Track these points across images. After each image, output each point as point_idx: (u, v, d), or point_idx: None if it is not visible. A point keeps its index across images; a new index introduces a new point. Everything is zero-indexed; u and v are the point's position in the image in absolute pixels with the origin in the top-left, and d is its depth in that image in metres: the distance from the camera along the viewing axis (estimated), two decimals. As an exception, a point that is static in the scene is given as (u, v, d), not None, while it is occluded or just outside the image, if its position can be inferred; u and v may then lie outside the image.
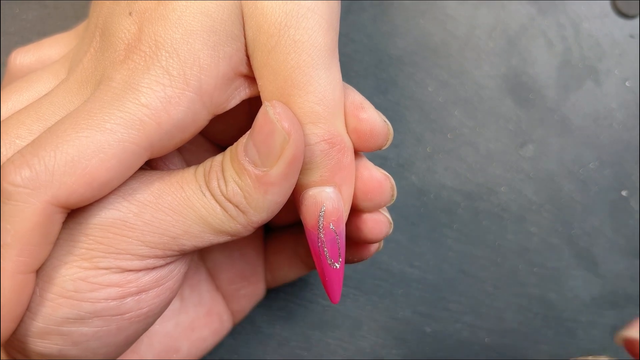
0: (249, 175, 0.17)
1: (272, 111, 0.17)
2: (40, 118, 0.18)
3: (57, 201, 0.16)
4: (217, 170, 0.18)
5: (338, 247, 0.19)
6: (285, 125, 0.17)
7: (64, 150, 0.16)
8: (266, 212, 0.18)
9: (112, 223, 0.17)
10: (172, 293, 0.19)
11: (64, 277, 0.17)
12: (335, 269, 0.20)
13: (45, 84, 0.20)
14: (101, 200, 0.17)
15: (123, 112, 0.16)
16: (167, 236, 0.17)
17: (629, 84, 0.32)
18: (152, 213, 0.17)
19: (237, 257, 0.26)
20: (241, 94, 0.19)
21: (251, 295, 0.26)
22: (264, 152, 0.17)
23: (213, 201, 0.18)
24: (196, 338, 0.24)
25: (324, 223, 0.19)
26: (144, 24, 0.17)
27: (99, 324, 0.17)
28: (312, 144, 0.18)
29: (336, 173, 0.18)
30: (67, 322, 0.17)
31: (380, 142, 0.19)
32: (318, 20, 0.17)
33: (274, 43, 0.17)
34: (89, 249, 0.17)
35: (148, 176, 0.18)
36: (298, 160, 0.17)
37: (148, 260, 0.17)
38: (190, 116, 0.17)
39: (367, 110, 0.19)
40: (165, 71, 0.17)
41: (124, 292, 0.17)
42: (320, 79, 0.17)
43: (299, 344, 0.29)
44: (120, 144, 0.16)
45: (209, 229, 0.18)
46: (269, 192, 0.17)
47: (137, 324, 0.18)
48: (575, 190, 0.31)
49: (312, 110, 0.17)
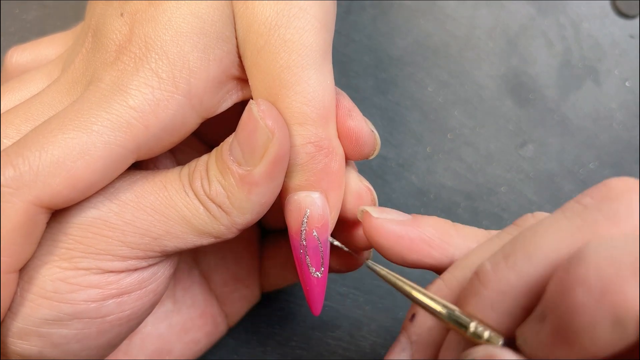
0: (232, 174, 0.17)
1: (256, 109, 0.17)
2: (29, 118, 0.18)
3: (41, 202, 0.16)
4: (201, 170, 0.18)
5: (321, 256, 0.19)
6: (268, 123, 0.16)
7: (49, 151, 0.16)
8: (250, 214, 0.18)
9: (92, 222, 0.17)
10: (155, 296, 0.19)
11: (44, 277, 0.17)
12: (317, 278, 0.19)
13: (38, 84, 0.20)
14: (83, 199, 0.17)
15: (110, 114, 0.16)
16: (149, 236, 0.17)
17: (629, 84, 0.32)
18: (133, 212, 0.17)
19: (231, 260, 0.25)
20: (233, 97, 0.19)
21: (245, 298, 0.26)
22: (248, 151, 0.17)
23: (196, 201, 0.17)
24: (189, 340, 0.24)
25: (307, 229, 0.18)
26: (135, 25, 0.17)
27: (78, 326, 0.17)
28: (298, 145, 0.17)
29: (322, 178, 0.18)
30: (46, 323, 0.17)
31: (366, 151, 0.19)
32: (310, 20, 0.17)
33: (264, 42, 0.17)
34: (69, 249, 0.17)
35: (132, 176, 0.18)
36: (282, 159, 0.17)
37: (129, 261, 0.17)
38: (179, 119, 0.17)
39: (354, 118, 0.19)
40: (154, 73, 0.17)
41: (105, 294, 0.17)
42: (309, 79, 0.17)
43: (299, 344, 0.29)
44: (106, 146, 0.16)
45: (192, 230, 0.18)
46: (253, 192, 0.17)
47: (118, 327, 0.18)
48: (575, 190, 0.31)
49: (299, 110, 0.17)
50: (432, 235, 0.18)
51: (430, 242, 0.18)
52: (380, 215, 0.18)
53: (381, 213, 0.19)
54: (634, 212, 0.14)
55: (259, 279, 0.26)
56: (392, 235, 0.18)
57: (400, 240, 0.18)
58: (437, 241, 0.18)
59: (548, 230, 0.14)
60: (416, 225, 0.18)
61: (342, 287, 0.30)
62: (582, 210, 0.14)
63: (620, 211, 0.14)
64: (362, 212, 0.19)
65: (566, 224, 0.14)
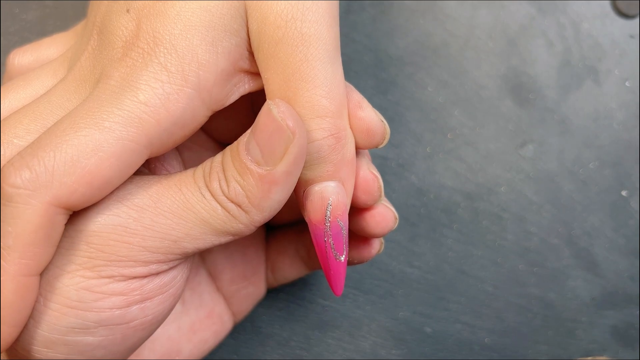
0: (251, 174, 0.17)
1: (276, 110, 0.17)
2: (38, 117, 0.18)
3: (58, 202, 0.16)
4: (218, 171, 0.18)
5: (343, 240, 0.19)
6: (290, 124, 0.16)
7: (63, 150, 0.16)
8: (268, 211, 0.18)
9: (112, 230, 0.17)
10: (175, 299, 0.19)
11: (67, 287, 0.17)
12: (340, 262, 0.20)
13: (43, 82, 0.20)
14: (100, 206, 0.17)
15: (121, 110, 0.16)
16: (168, 240, 0.17)
17: (629, 84, 0.32)
18: (151, 217, 0.17)
19: (238, 258, 0.25)
20: (240, 89, 0.19)
21: (252, 295, 0.26)
22: (268, 151, 0.17)
23: (214, 202, 0.17)
24: (198, 340, 0.24)
25: (331, 217, 0.19)
26: (142, 21, 0.17)
27: (104, 333, 0.17)
28: (320, 138, 0.18)
29: (341, 168, 0.18)
30: (72, 331, 0.17)
31: (377, 141, 0.19)
32: (322, 14, 0.17)
33: (282, 35, 0.17)
34: (91, 258, 0.17)
35: (146, 180, 0.18)
36: (302, 158, 0.17)
37: (151, 266, 0.17)
38: (189, 113, 0.17)
39: (365, 109, 0.19)
40: (163, 67, 0.17)
41: (129, 300, 0.17)
42: (327, 72, 0.17)
43: (299, 344, 0.29)
44: (119, 142, 0.16)
45: (211, 230, 0.18)
46: (272, 191, 0.17)
47: (141, 332, 0.18)
48: (575, 190, 0.31)
49: (320, 104, 0.17)
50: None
51: None
52: None
53: None
54: None
55: (265, 276, 0.26)
56: None
57: None
58: None
59: None
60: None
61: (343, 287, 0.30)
62: None
63: None
64: None
65: None
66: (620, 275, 0.31)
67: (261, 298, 0.27)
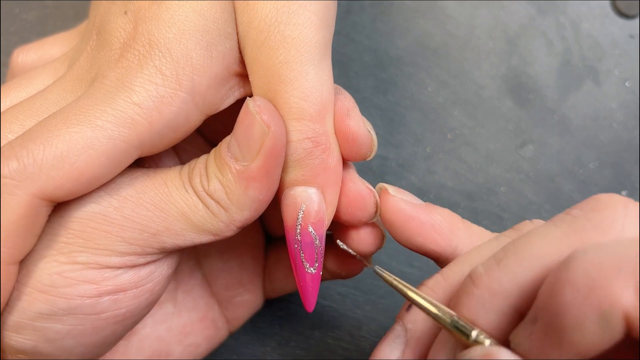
0: (230, 170, 0.17)
1: (252, 104, 0.17)
2: (34, 114, 0.18)
3: (44, 194, 0.16)
4: (200, 168, 0.18)
5: (316, 252, 0.19)
6: (264, 117, 0.17)
7: (53, 145, 0.16)
8: (248, 210, 0.18)
9: (91, 217, 0.17)
10: (152, 296, 0.19)
11: (41, 271, 0.17)
12: (311, 273, 0.19)
13: (44, 81, 0.20)
14: (84, 194, 0.17)
15: (114, 110, 0.16)
16: (147, 232, 0.17)
17: (629, 84, 0.32)
18: (132, 208, 0.17)
19: (234, 264, 0.25)
20: (235, 93, 0.19)
21: (247, 303, 0.26)
22: (244, 146, 0.17)
23: (195, 197, 0.18)
24: (189, 343, 0.24)
25: (302, 224, 0.18)
26: (139, 23, 0.17)
27: (73, 322, 0.17)
28: (295, 140, 0.18)
29: (319, 174, 0.18)
30: (41, 317, 0.17)
31: (363, 152, 0.19)
32: (309, 16, 0.17)
33: (264, 38, 0.17)
34: (67, 243, 0.17)
35: (133, 172, 0.18)
36: (278, 153, 0.17)
37: (127, 257, 0.17)
38: (183, 116, 0.17)
39: (353, 118, 0.19)
40: (158, 70, 0.17)
41: (100, 290, 0.17)
42: (308, 75, 0.17)
43: (299, 344, 0.29)
44: (110, 141, 0.16)
45: (191, 227, 0.18)
46: (250, 187, 0.17)
47: (114, 325, 0.18)
48: (575, 190, 0.31)
49: (297, 106, 0.17)
50: (440, 223, 0.19)
51: (439, 229, 0.19)
52: (396, 194, 0.19)
53: (398, 192, 0.20)
54: (618, 222, 0.15)
55: (263, 285, 0.26)
56: (404, 215, 0.19)
57: (410, 221, 0.19)
58: (445, 230, 0.19)
59: (538, 237, 0.15)
60: (428, 211, 0.19)
61: (342, 287, 0.30)
62: (572, 220, 0.15)
63: (605, 221, 0.15)
64: (381, 188, 0.20)
65: (556, 232, 0.15)
66: (620, 275, 0.31)
67: (258, 308, 0.27)
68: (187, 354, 0.24)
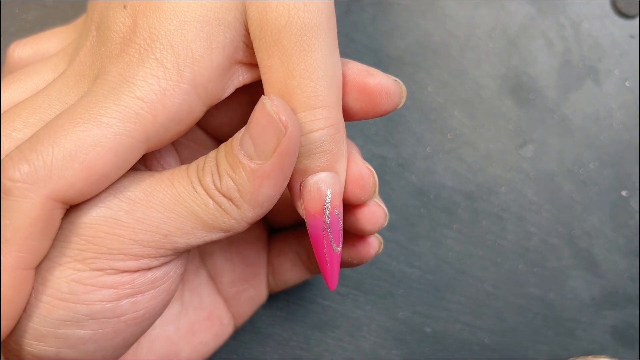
0: (243, 168, 0.17)
1: (270, 104, 0.17)
2: (36, 111, 0.18)
3: (56, 196, 0.16)
4: (211, 165, 0.18)
5: (340, 231, 0.19)
6: (282, 118, 0.17)
7: (61, 145, 0.16)
8: (260, 207, 0.18)
9: (103, 222, 0.17)
10: (168, 295, 0.19)
11: (58, 279, 0.17)
12: (337, 253, 0.20)
13: (43, 77, 0.20)
14: (92, 199, 0.17)
15: (119, 106, 0.16)
16: (159, 234, 0.17)
17: (629, 84, 0.32)
18: (143, 210, 0.17)
19: (238, 260, 0.25)
20: (235, 82, 0.19)
21: (253, 298, 0.26)
22: (261, 145, 0.17)
23: (206, 196, 0.17)
24: (197, 342, 0.24)
25: (330, 208, 0.19)
26: (139, 17, 0.17)
27: (95, 327, 0.17)
28: (323, 127, 0.18)
29: (338, 158, 0.19)
30: (63, 324, 0.17)
31: (396, 101, 0.19)
32: (322, 6, 0.17)
33: (284, 22, 0.17)
34: (81, 250, 0.17)
35: (140, 174, 0.18)
36: (293, 152, 0.17)
37: (142, 260, 0.17)
38: (186, 108, 0.17)
39: (376, 76, 0.19)
40: (159, 63, 0.17)
41: (119, 293, 0.17)
42: (329, 64, 0.17)
43: (299, 344, 0.29)
44: (116, 137, 0.16)
45: (202, 225, 0.18)
46: (264, 186, 0.17)
47: (133, 327, 0.18)
48: (575, 190, 0.31)
49: (323, 94, 0.17)
50: None
51: None
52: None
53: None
54: None
55: (267, 279, 0.26)
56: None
57: None
58: None
59: None
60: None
61: (342, 287, 0.30)
62: None
63: None
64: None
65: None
66: (620, 276, 0.31)
67: (262, 302, 0.27)
68: (196, 352, 0.24)
